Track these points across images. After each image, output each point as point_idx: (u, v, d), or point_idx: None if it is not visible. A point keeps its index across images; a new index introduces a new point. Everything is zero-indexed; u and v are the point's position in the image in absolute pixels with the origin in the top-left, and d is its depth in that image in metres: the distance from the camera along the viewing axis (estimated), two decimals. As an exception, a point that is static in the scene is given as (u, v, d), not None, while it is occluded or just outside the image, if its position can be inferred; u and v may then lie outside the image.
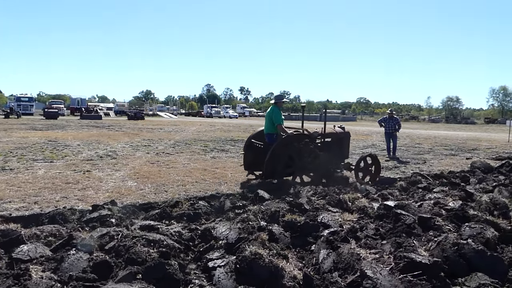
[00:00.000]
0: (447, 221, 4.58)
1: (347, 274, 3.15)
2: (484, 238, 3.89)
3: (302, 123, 8.28)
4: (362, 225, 4.50)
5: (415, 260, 3.09)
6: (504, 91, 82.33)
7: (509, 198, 6.04)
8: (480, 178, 8.12)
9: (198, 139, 18.23)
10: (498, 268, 3.32)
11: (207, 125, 32.63)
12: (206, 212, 5.25)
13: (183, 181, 7.75)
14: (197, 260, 3.71)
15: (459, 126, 51.04)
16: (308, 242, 4.11)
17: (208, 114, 70.35)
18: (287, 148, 7.48)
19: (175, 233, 4.15)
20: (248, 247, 3.51)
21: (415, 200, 5.96)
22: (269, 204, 5.36)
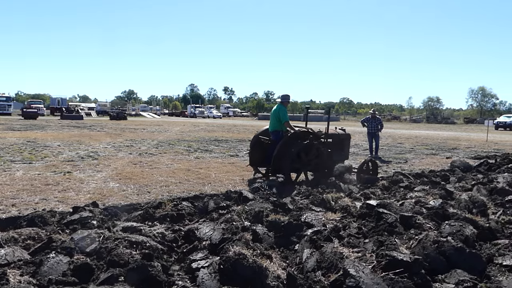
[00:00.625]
0: (428, 219, 4.66)
1: (330, 272, 3.17)
2: (463, 235, 3.97)
3: (306, 123, 8.75)
4: (345, 224, 4.55)
5: (397, 258, 3.13)
6: (483, 92, 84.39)
7: (487, 196, 6.19)
8: (459, 177, 8.29)
9: (181, 139, 18.11)
10: (477, 264, 3.39)
11: (190, 125, 32.45)
12: (190, 213, 5.21)
13: (166, 182, 7.68)
14: (181, 261, 3.68)
15: (440, 126, 52.05)
16: (292, 241, 4.13)
17: (191, 114, 69.96)
18: (294, 144, 7.77)
19: (158, 234, 4.11)
20: (232, 247, 3.50)
21: (396, 199, 6.05)
22: (253, 204, 5.36)
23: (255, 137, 8.87)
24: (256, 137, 8.82)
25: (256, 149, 8.59)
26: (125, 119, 42.65)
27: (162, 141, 16.83)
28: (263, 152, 8.41)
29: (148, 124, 33.80)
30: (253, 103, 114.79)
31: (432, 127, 46.13)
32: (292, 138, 7.94)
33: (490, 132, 25.76)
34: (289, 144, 7.80)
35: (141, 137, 18.82)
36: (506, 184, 7.04)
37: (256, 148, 8.62)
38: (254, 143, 8.73)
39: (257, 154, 8.55)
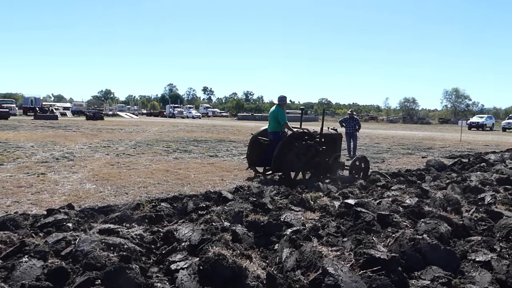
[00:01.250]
0: (404, 217, 4.76)
1: (309, 272, 3.19)
2: (438, 233, 4.07)
3: (301, 123, 9.14)
4: (324, 223, 4.59)
5: (374, 256, 3.18)
6: (456, 93, 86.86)
7: (461, 194, 6.37)
8: (434, 176, 8.50)
9: (160, 139, 17.90)
10: (451, 261, 3.48)
11: (169, 126, 32.12)
12: (169, 214, 5.15)
13: (144, 183, 7.58)
14: (159, 263, 3.63)
15: (416, 126, 53.24)
16: (272, 241, 4.13)
17: (170, 114, 69.27)
18: (294, 144, 8.16)
19: (136, 236, 4.05)
20: (211, 248, 3.48)
21: (374, 198, 6.14)
22: (233, 205, 5.34)
23: (253, 137, 9.07)
24: (255, 137, 9.03)
25: (254, 149, 8.88)
26: (102, 119, 41.85)
27: (140, 141, 16.60)
28: (261, 152, 8.75)
29: (126, 124, 33.27)
30: (233, 103, 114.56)
31: (408, 127, 47.13)
32: (291, 139, 8.29)
33: (463, 132, 26.54)
34: (289, 144, 8.16)
35: (118, 137, 18.50)
36: (479, 183, 7.27)
37: (254, 148, 8.89)
38: (252, 144, 8.96)
39: (255, 154, 8.85)
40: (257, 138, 8.99)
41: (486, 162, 10.76)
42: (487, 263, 3.45)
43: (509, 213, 4.99)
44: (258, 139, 8.95)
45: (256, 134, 9.11)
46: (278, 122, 8.57)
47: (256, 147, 8.90)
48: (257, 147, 8.90)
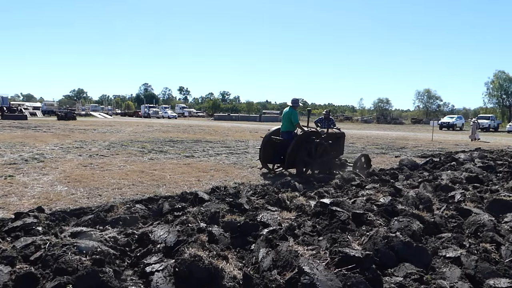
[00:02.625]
0: (378, 216, 4.85)
1: (285, 271, 3.21)
2: (411, 230, 4.17)
3: (308, 123, 9.93)
4: (300, 223, 4.62)
5: (349, 254, 3.23)
6: (428, 94, 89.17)
7: (432, 192, 6.55)
8: (407, 175, 8.71)
9: (135, 140, 17.60)
10: (423, 257, 3.58)
11: (144, 126, 31.63)
12: (144, 216, 5.07)
13: (118, 184, 7.43)
14: (134, 265, 3.57)
15: (389, 126, 54.40)
16: (248, 241, 4.13)
17: (145, 114, 68.22)
18: (306, 142, 9.01)
19: (110, 238, 3.96)
20: (187, 249, 3.45)
21: (349, 197, 6.24)
22: (209, 205, 5.31)
23: (266, 136, 9.67)
24: (268, 136, 9.63)
25: (267, 148, 9.50)
26: (74, 119, 40.78)
27: (114, 142, 16.26)
28: (274, 150, 9.47)
29: (99, 124, 32.54)
30: (209, 103, 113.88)
31: (382, 127, 48.11)
32: (303, 138, 9.11)
33: (435, 132, 27.29)
34: (302, 143, 8.99)
35: (91, 138, 18.07)
36: (449, 181, 7.50)
37: (267, 146, 9.50)
38: (266, 143, 9.54)
39: (268, 152, 9.50)
40: (271, 138, 9.57)
41: (456, 161, 11.12)
42: (456, 259, 3.56)
43: (477, 211, 5.17)
44: (272, 138, 9.55)
45: (269, 134, 9.69)
46: (291, 122, 9.31)
47: (269, 146, 9.50)
48: (270, 146, 9.51)
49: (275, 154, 9.48)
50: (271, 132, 9.73)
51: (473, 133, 24.82)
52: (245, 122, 53.05)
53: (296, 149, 8.89)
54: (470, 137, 25.06)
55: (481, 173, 8.83)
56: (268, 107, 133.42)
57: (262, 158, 9.55)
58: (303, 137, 9.14)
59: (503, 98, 70.19)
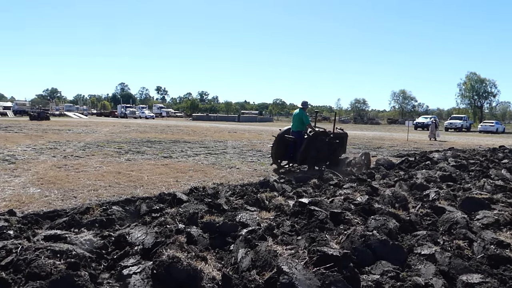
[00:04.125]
0: (356, 214, 4.92)
1: (264, 271, 3.21)
2: (387, 228, 4.25)
3: (315, 124, 10.76)
4: (279, 223, 4.64)
5: (327, 253, 3.26)
6: (403, 95, 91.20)
7: (408, 191, 6.70)
8: (383, 174, 8.87)
9: (111, 140, 17.27)
10: (399, 255, 3.65)
11: (121, 126, 31.09)
12: (121, 218, 4.98)
13: (94, 186, 7.27)
14: (111, 268, 3.50)
15: (366, 126, 55.31)
16: (227, 242, 4.12)
17: (122, 114, 67.12)
18: (316, 141, 9.80)
19: (86, 241, 3.87)
20: (165, 251, 3.42)
21: (327, 196, 6.30)
22: (187, 206, 5.27)
23: (279, 136, 10.39)
24: (280, 135, 10.36)
25: (279, 146, 10.24)
26: (48, 119, 39.64)
27: (89, 142, 15.92)
28: (286, 149, 10.24)
29: (74, 124, 31.78)
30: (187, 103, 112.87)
31: (359, 128, 48.85)
32: (314, 137, 9.87)
33: (410, 132, 27.91)
34: (313, 141, 9.79)
35: (66, 138, 17.63)
36: (424, 180, 7.68)
37: (279, 145, 10.24)
38: (278, 141, 10.27)
39: (280, 150, 10.25)
40: (283, 136, 10.31)
41: (431, 160, 11.40)
42: (431, 256, 3.65)
43: (451, 208, 5.31)
44: (284, 137, 10.28)
45: (281, 133, 10.42)
46: (302, 123, 10.04)
47: (281, 144, 10.24)
48: (282, 144, 10.25)
49: (286, 151, 10.25)
50: (282, 132, 10.49)
51: (432, 132, 25.33)
52: (223, 122, 52.89)
53: (308, 148, 9.67)
54: (429, 136, 25.55)
55: (454, 172, 9.08)
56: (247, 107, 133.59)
57: (274, 155, 10.25)
58: (313, 137, 9.89)
59: (474, 99, 72.46)
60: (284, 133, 10.43)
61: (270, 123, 59.69)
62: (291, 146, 10.17)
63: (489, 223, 4.87)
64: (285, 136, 10.32)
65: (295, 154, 9.96)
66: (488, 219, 4.97)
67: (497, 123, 46.46)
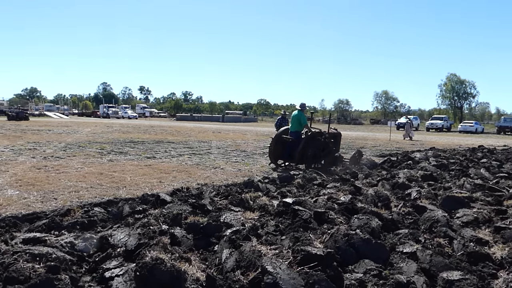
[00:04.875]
0: (339, 214, 4.97)
1: (249, 271, 3.21)
2: (370, 227, 4.30)
3: (310, 125, 11.19)
4: (263, 223, 4.65)
5: (311, 253, 3.28)
6: (386, 95, 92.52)
7: (390, 190, 6.79)
8: (366, 174, 8.97)
9: (93, 141, 17.01)
10: (382, 254, 3.70)
11: (103, 126, 30.63)
12: (103, 219, 4.90)
13: (76, 187, 7.14)
14: (93, 271, 3.45)
15: (349, 127, 55.85)
16: (211, 242, 4.10)
17: (104, 114, 66.16)
18: (313, 141, 10.36)
19: (67, 244, 3.80)
20: (148, 252, 3.38)
21: (311, 196, 6.34)
22: (171, 207, 5.22)
23: (276, 136, 10.97)
24: (278, 136, 10.91)
25: (277, 146, 10.69)
26: (27, 119, 38.73)
27: (71, 143, 15.63)
28: (283, 148, 10.72)
29: (55, 125, 31.15)
30: (171, 103, 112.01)
31: (342, 128, 48.98)
32: (311, 137, 10.41)
33: (392, 132, 28.36)
34: (310, 141, 10.32)
35: (46, 139, 17.27)
36: (406, 179, 7.80)
37: (278, 145, 10.69)
38: (276, 141, 10.72)
39: (278, 150, 10.71)
40: (281, 137, 10.82)
41: (412, 160, 11.58)
42: (413, 254, 3.70)
43: (432, 207, 5.41)
44: (282, 137, 10.79)
45: (279, 134, 11.01)
46: (300, 124, 10.64)
47: (279, 144, 10.71)
48: (280, 144, 10.72)
49: (283, 151, 10.73)
50: (280, 132, 11.10)
51: (407, 132, 25.76)
52: (208, 123, 52.68)
53: (305, 147, 10.21)
54: (404, 136, 25.96)
55: (435, 171, 9.25)
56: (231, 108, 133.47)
57: (272, 155, 10.70)
58: (310, 137, 10.44)
59: (455, 99, 74.03)
60: (281, 133, 10.97)
61: (255, 123, 59.75)
62: (288, 146, 10.64)
63: (468, 221, 4.98)
64: (282, 136, 10.80)
65: (293, 153, 10.45)
66: (467, 217, 5.08)
67: (477, 124, 47.53)
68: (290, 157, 10.70)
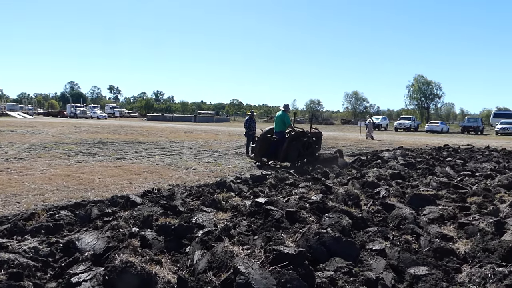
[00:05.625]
0: (311, 213, 5.02)
1: (221, 272, 3.19)
2: (341, 226, 4.37)
3: (293, 125, 11.65)
4: (235, 223, 4.63)
5: (283, 252, 3.30)
6: (356, 96, 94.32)
7: (360, 189, 6.93)
8: (337, 173, 9.12)
9: (60, 142, 16.46)
10: (352, 251, 3.76)
11: (71, 126, 29.70)
12: (70, 223, 4.75)
13: (40, 190, 6.88)
14: (58, 277, 3.33)
15: (320, 127, 56.20)
16: (183, 244, 4.06)
17: (72, 114, 64.11)
18: (298, 140, 10.96)
19: (30, 249, 3.65)
20: (118, 256, 3.30)
21: (283, 195, 6.37)
22: (142, 209, 5.12)
23: (262, 135, 11.46)
24: (263, 135, 11.40)
25: (263, 145, 11.25)
26: (-12, 119, 37.12)
27: (35, 144, 15.07)
28: (268, 147, 11.27)
29: (18, 125, 29.91)
30: (142, 103, 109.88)
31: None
32: (295, 137, 10.99)
33: (362, 132, 28.88)
34: (294, 140, 10.90)
35: (8, 140, 16.56)
36: (375, 178, 7.99)
37: (263, 144, 11.26)
38: (261, 140, 11.32)
39: (263, 148, 11.26)
40: (266, 136, 11.34)
41: (381, 159, 11.88)
42: (382, 251, 3.79)
43: (400, 205, 5.55)
44: (267, 137, 11.31)
45: (264, 133, 11.45)
46: (284, 124, 11.20)
47: (264, 143, 11.27)
48: (265, 143, 11.28)
49: (269, 149, 11.30)
50: (265, 132, 11.55)
51: (370, 132, 26.55)
52: (179, 123, 52.09)
53: (289, 146, 10.80)
54: (366, 135, 26.71)
55: (403, 170, 9.52)
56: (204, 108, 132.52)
57: (258, 153, 11.27)
58: (294, 136, 10.99)
59: (422, 100, 76.41)
60: (266, 133, 11.48)
61: (227, 123, 59.58)
62: (273, 145, 11.22)
63: (434, 218, 5.15)
64: (268, 136, 11.34)
65: (277, 152, 11.06)
66: (433, 214, 5.25)
67: (442, 124, 49.18)
68: (275, 155, 11.26)
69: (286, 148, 10.81)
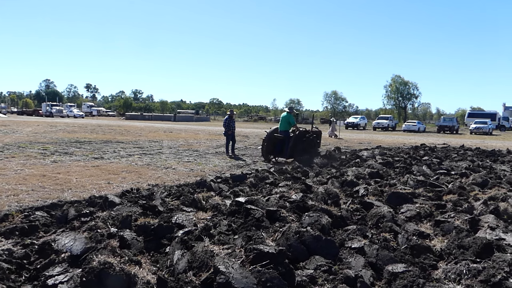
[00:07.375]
0: (291, 212, 5.05)
1: (201, 272, 3.18)
2: (320, 224, 4.41)
3: (296, 123, 12.71)
4: (216, 222, 4.62)
5: (263, 251, 3.31)
6: (335, 95, 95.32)
7: (339, 188, 7.01)
8: (317, 172, 9.20)
9: (35, 141, 16.03)
10: (331, 250, 3.81)
11: (46, 126, 28.95)
12: (45, 224, 4.64)
13: (14, 190, 6.68)
14: (34, 279, 3.25)
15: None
16: (163, 244, 4.02)
17: (47, 113, 62.60)
18: (302, 138, 12.31)
19: (4, 251, 3.56)
20: (96, 257, 3.25)
21: (263, 195, 6.39)
22: (120, 209, 5.05)
23: (268, 134, 12.49)
24: (270, 134, 12.47)
25: (269, 143, 12.35)
26: (-40, 118, 35.83)
27: (9, 143, 14.62)
28: (274, 145, 12.41)
29: (-9, 124, 29.02)
30: (120, 102, 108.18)
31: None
32: (300, 135, 12.24)
33: (341, 131, 29.29)
34: (299, 138, 12.17)
35: (-19, 139, 16.04)
36: (354, 177, 8.09)
37: (269, 142, 12.36)
38: (268, 139, 12.37)
39: (270, 147, 12.38)
40: (272, 135, 12.42)
41: (360, 158, 12.04)
42: (360, 249, 3.85)
43: (378, 203, 5.65)
44: (273, 136, 12.41)
45: (271, 132, 12.53)
46: (289, 124, 12.35)
47: (270, 142, 12.37)
48: (271, 142, 12.37)
49: (275, 147, 12.40)
50: (271, 131, 12.64)
51: (333, 131, 27.25)
52: (159, 122, 51.50)
53: (295, 144, 12.01)
54: (329, 134, 27.24)
55: (381, 168, 9.67)
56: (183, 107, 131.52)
57: (265, 152, 12.33)
58: (299, 135, 12.24)
59: (399, 100, 77.77)
60: (272, 132, 12.56)
61: (207, 122, 59.26)
62: (278, 143, 12.34)
63: (411, 215, 5.25)
64: (274, 135, 12.42)
65: (283, 149, 12.19)
66: (411, 212, 5.36)
67: (419, 123, 50.20)
68: (280, 153, 12.36)
69: (292, 146, 11.94)
